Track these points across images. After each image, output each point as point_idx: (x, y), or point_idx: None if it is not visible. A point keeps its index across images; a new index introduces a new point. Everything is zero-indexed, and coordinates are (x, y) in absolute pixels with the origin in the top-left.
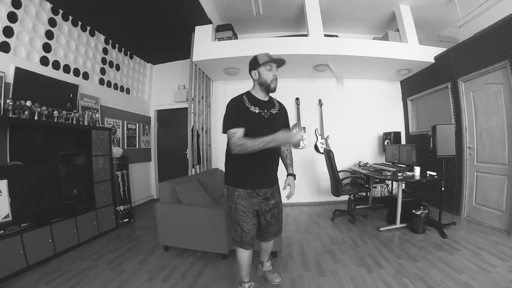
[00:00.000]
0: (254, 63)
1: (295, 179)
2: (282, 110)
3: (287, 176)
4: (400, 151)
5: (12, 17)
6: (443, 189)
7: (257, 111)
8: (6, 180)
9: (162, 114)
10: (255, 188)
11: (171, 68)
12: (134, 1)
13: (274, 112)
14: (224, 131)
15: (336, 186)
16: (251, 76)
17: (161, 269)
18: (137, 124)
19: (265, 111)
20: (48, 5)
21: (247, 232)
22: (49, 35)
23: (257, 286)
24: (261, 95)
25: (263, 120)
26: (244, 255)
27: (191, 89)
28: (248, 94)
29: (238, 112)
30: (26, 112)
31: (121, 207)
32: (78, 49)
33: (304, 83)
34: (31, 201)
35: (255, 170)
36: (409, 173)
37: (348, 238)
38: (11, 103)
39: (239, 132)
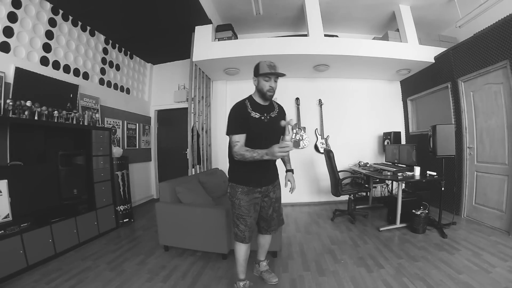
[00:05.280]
0: (255, 71)
1: (293, 173)
2: (281, 112)
3: (286, 172)
4: (400, 151)
5: (12, 17)
6: (443, 189)
7: (257, 116)
8: (6, 180)
9: (162, 114)
10: (257, 186)
11: (171, 68)
12: (134, 1)
13: (273, 115)
14: (228, 134)
15: (336, 186)
16: (253, 81)
17: (161, 269)
18: (137, 124)
19: (265, 115)
20: (48, 5)
21: (250, 225)
22: (49, 35)
23: (252, 285)
24: (261, 100)
25: (263, 124)
26: (243, 250)
27: (191, 89)
28: (250, 98)
29: (241, 118)
30: (26, 112)
31: (121, 207)
32: (78, 49)
33: (304, 83)
34: (31, 201)
35: (257, 170)
36: (409, 173)
37: (348, 238)
38: (11, 103)
39: (241, 141)
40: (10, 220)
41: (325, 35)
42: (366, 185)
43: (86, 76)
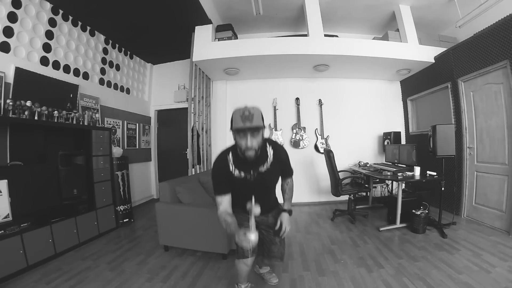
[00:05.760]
0: (230, 122)
1: (291, 215)
2: (277, 158)
3: (282, 212)
4: (400, 151)
5: (12, 17)
6: (443, 189)
7: (242, 175)
8: (6, 180)
9: (162, 114)
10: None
11: (171, 68)
12: (134, 1)
13: (263, 170)
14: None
15: (336, 186)
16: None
17: (161, 269)
18: (137, 124)
19: (251, 172)
20: (48, 5)
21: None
22: (49, 35)
23: (254, 286)
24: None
25: (249, 184)
26: (243, 268)
27: (191, 89)
28: (234, 152)
29: (223, 176)
30: (26, 112)
31: (121, 207)
32: (78, 49)
33: (304, 83)
34: (31, 201)
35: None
36: (409, 173)
37: (348, 238)
38: (11, 103)
39: (223, 203)
40: (10, 220)
41: (325, 35)
42: (366, 185)
43: (86, 76)
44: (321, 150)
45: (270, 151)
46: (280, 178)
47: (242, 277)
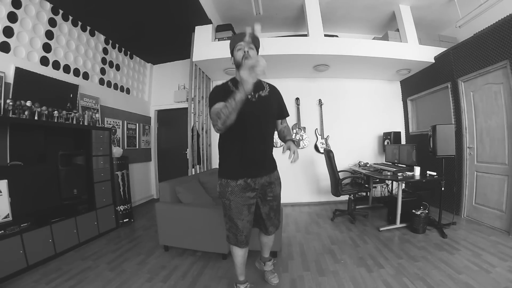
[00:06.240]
0: (230, 49)
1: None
2: (274, 92)
3: (287, 141)
4: (400, 151)
5: (12, 17)
6: (443, 189)
7: None
8: (6, 180)
9: (162, 114)
10: (249, 177)
11: (171, 68)
12: (134, 1)
13: (263, 94)
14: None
15: (336, 186)
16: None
17: (161, 269)
18: (137, 124)
19: (252, 93)
20: (48, 5)
21: (242, 230)
22: (49, 35)
23: (253, 286)
24: None
25: (251, 105)
26: (238, 254)
27: (191, 89)
28: (232, 79)
29: (222, 94)
30: (26, 112)
31: (121, 207)
32: (78, 49)
33: (304, 83)
34: (31, 201)
35: (246, 156)
36: (409, 173)
37: (348, 238)
38: (11, 103)
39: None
40: (10, 220)
41: (325, 35)
42: (366, 185)
43: (86, 76)
44: (321, 150)
45: (265, 84)
46: (276, 127)
47: (238, 267)
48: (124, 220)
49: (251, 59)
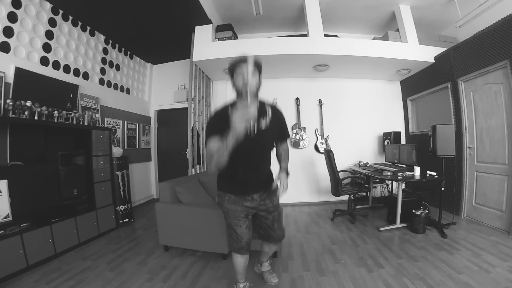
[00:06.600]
0: (229, 71)
1: (288, 175)
2: (276, 116)
3: (280, 170)
4: (400, 151)
5: (12, 17)
6: (443, 189)
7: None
8: (6, 180)
9: (162, 114)
10: (244, 194)
11: (171, 68)
12: (134, 1)
13: (263, 127)
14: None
15: (336, 186)
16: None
17: (161, 269)
18: (137, 124)
19: (252, 128)
20: (48, 5)
21: (241, 236)
22: (49, 35)
23: (252, 286)
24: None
25: (249, 140)
26: (239, 261)
27: (191, 89)
28: (233, 106)
29: (221, 127)
30: (26, 112)
31: (121, 207)
32: (78, 49)
33: (304, 83)
34: (31, 201)
35: (241, 176)
36: (409, 173)
37: (348, 238)
38: (11, 103)
39: (213, 140)
40: (10, 220)
41: (325, 35)
42: (366, 185)
43: (86, 76)
44: (321, 150)
45: (268, 109)
46: (275, 146)
47: (239, 273)
48: (124, 220)
49: (249, 115)
